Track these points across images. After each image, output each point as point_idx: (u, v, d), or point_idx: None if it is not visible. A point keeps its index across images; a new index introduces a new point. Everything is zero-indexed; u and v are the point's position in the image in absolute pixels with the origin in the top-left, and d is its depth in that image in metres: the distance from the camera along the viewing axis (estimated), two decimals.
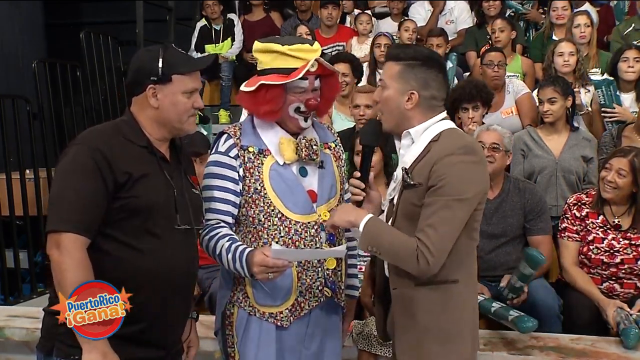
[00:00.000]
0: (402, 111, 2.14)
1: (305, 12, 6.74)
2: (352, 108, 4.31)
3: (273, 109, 2.27)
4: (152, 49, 2.19)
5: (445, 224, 2.00)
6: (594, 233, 3.36)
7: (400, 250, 2.04)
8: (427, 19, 6.55)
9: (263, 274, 2.13)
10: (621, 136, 4.14)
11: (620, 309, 3.09)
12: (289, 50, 2.24)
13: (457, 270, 2.09)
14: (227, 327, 2.36)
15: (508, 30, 5.44)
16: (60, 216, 1.96)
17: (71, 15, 8.05)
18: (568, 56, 4.66)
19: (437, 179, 2.02)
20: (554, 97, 4.00)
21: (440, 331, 2.10)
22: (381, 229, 2.11)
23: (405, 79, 2.13)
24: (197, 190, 2.25)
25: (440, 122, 2.15)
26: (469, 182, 2.03)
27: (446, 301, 2.10)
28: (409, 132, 2.15)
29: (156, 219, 2.06)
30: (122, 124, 2.15)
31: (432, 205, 2.02)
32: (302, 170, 2.32)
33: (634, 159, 3.25)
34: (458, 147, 2.04)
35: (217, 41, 6.61)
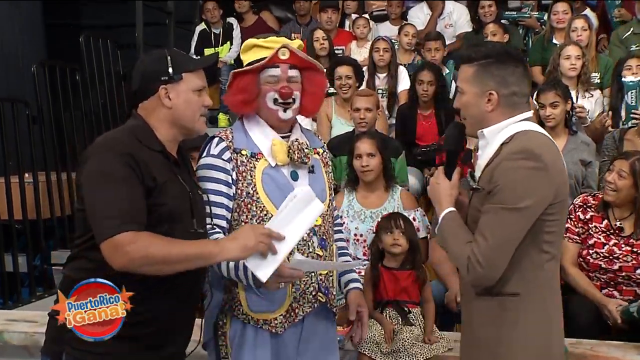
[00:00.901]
0: (483, 113, 2.05)
1: (304, 16, 6.74)
2: (351, 111, 4.32)
3: (246, 98, 2.30)
4: (153, 53, 2.19)
5: (497, 234, 1.91)
6: (595, 237, 3.36)
7: (457, 256, 2.00)
8: (426, 23, 6.56)
9: (275, 283, 2.10)
10: (623, 139, 4.16)
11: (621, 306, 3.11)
12: (262, 41, 2.29)
13: (516, 283, 1.97)
14: (219, 337, 2.32)
15: (500, 34, 5.46)
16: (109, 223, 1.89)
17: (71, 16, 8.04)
18: (575, 60, 4.68)
19: (493, 184, 1.94)
20: (557, 101, 4.01)
21: (494, 345, 2.01)
22: (451, 227, 2.04)
23: (481, 80, 2.03)
24: (202, 190, 2.25)
25: (519, 122, 2.03)
26: (525, 189, 1.90)
27: (503, 314, 1.99)
28: (482, 132, 2.06)
29: (177, 225, 2.04)
30: (136, 130, 2.11)
31: (486, 214, 1.95)
32: (294, 174, 2.31)
33: (635, 161, 3.26)
34: (517, 152, 1.94)
35: (217, 45, 6.61)
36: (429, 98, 4.85)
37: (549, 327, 2.05)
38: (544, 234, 1.97)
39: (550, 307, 2.05)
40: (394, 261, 3.06)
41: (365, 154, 3.61)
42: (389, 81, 5.37)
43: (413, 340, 2.91)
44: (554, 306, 2.08)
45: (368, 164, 3.60)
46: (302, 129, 2.43)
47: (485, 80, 2.03)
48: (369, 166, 3.60)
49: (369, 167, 3.61)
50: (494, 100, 2.03)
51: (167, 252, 1.92)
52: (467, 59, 2.09)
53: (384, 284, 3.04)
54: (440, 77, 4.94)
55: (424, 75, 4.84)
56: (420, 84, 4.85)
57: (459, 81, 2.12)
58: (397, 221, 3.05)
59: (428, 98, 4.85)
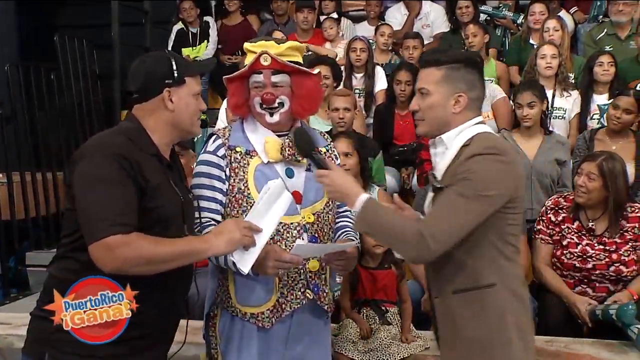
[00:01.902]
0: (448, 115, 2.10)
1: (282, 16, 6.73)
2: (329, 111, 4.32)
3: (236, 102, 2.37)
4: (156, 54, 2.22)
5: (454, 213, 1.95)
6: (569, 238, 3.39)
7: (399, 233, 1.98)
8: (403, 23, 6.58)
9: (275, 269, 2.14)
10: (594, 139, 4.21)
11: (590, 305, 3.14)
12: (250, 45, 2.32)
13: (492, 274, 2.03)
14: (210, 328, 2.38)
15: (481, 35, 5.49)
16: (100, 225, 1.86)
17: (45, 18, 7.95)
18: (550, 59, 4.75)
19: (461, 174, 1.98)
20: (533, 101, 4.05)
21: (484, 338, 2.03)
22: (382, 210, 2.05)
23: (452, 82, 2.09)
24: (190, 194, 2.26)
25: (474, 126, 2.10)
26: (493, 180, 1.97)
27: (485, 307, 2.03)
28: (441, 138, 2.11)
29: (168, 229, 2.04)
30: (130, 132, 2.09)
31: (447, 195, 1.98)
32: (289, 171, 2.33)
33: (602, 162, 3.29)
34: (486, 147, 2.01)
35: (194, 44, 6.57)
36: (406, 98, 4.86)
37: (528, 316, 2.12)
38: (508, 226, 2.05)
39: (522, 298, 2.11)
40: (372, 261, 3.06)
41: (342, 153, 3.61)
42: (366, 81, 5.37)
43: (390, 339, 2.92)
44: (524, 298, 2.13)
45: (345, 163, 3.60)
46: (306, 128, 2.45)
47: (456, 83, 2.10)
48: (346, 166, 3.60)
49: (345, 166, 3.61)
50: (463, 102, 2.09)
51: (157, 251, 1.91)
52: (435, 62, 2.13)
53: (362, 283, 3.04)
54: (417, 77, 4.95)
55: (402, 75, 4.85)
56: (398, 83, 4.86)
57: (424, 83, 2.14)
58: None
59: (405, 98, 4.86)
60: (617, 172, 3.29)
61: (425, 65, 2.18)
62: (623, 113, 4.12)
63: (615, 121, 4.14)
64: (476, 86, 2.12)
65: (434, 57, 2.16)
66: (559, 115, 4.82)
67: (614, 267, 3.31)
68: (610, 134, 4.20)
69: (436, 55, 2.17)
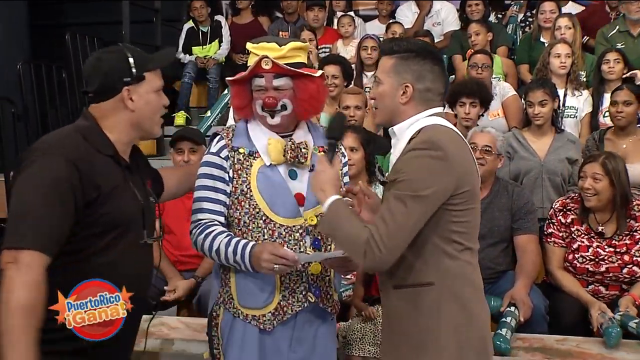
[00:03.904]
0: (397, 105, 2.08)
1: (292, 14, 6.73)
2: (341, 110, 4.32)
3: (239, 104, 2.36)
4: (112, 50, 2.09)
5: (398, 219, 1.91)
6: (579, 241, 3.37)
7: (351, 240, 1.96)
8: (414, 21, 6.57)
9: (270, 263, 2.12)
10: (604, 139, 4.20)
11: (603, 313, 3.10)
12: (252, 47, 2.29)
13: (431, 273, 1.99)
14: (213, 328, 2.36)
15: (484, 33, 5.49)
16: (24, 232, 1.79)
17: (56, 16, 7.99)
18: (565, 58, 4.74)
19: (397, 173, 1.96)
20: (545, 100, 4.03)
21: (413, 336, 2.01)
22: (341, 213, 2.01)
23: (399, 72, 2.07)
24: (153, 197, 2.17)
25: (427, 117, 2.06)
26: (427, 178, 1.93)
27: (420, 305, 2.00)
28: (393, 130, 2.11)
29: (125, 235, 1.97)
30: (85, 131, 1.99)
31: (388, 200, 1.95)
32: (292, 172, 2.31)
33: (605, 161, 3.27)
34: (421, 142, 1.97)
35: (205, 43, 6.60)
36: None
37: (468, 317, 2.03)
38: (451, 223, 1.99)
39: (466, 297, 2.04)
40: None
41: (348, 148, 3.60)
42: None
43: None
44: (471, 297, 2.06)
45: (350, 158, 3.59)
46: (312, 126, 2.43)
47: (403, 73, 2.07)
48: (351, 160, 3.59)
49: (350, 161, 3.60)
50: (409, 93, 2.06)
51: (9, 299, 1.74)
52: (389, 50, 2.12)
53: (375, 281, 3.04)
54: None
55: None
56: None
57: (378, 72, 2.16)
58: None
59: None
60: (620, 168, 3.28)
61: (382, 53, 2.18)
62: (623, 106, 4.11)
63: (619, 116, 4.12)
64: (425, 77, 2.07)
65: (389, 45, 2.15)
66: (571, 114, 4.80)
67: (627, 269, 3.29)
68: (619, 133, 4.18)
69: (391, 44, 2.15)
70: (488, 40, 5.50)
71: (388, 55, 2.12)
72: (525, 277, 3.31)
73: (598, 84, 4.79)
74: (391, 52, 2.11)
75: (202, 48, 6.57)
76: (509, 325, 3.03)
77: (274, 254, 2.11)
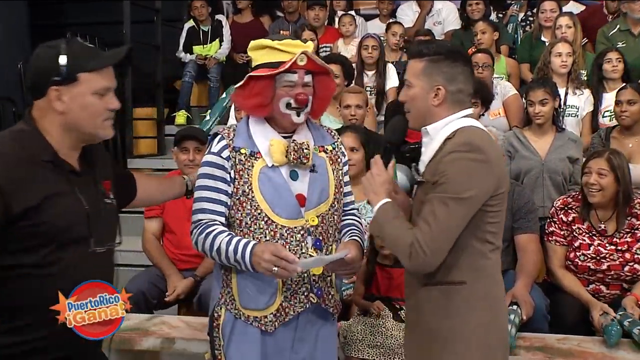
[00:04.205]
0: (429, 107, 2.11)
1: (292, 14, 6.74)
2: (341, 109, 4.32)
3: (262, 102, 2.27)
4: (52, 44, 1.91)
5: (441, 221, 1.95)
6: (580, 239, 3.37)
7: (398, 242, 2.03)
8: (415, 20, 6.57)
9: (270, 264, 2.09)
10: (610, 138, 4.20)
11: (605, 313, 3.10)
12: (278, 44, 2.25)
13: (464, 272, 2.04)
14: (214, 328, 2.35)
15: (490, 32, 5.48)
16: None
17: (57, 16, 7.99)
18: (566, 57, 4.75)
19: (438, 175, 1.99)
20: (546, 99, 4.03)
21: (441, 334, 2.05)
22: (389, 216, 2.07)
23: (431, 75, 2.10)
24: (110, 199, 2.03)
25: (461, 119, 2.10)
26: (470, 180, 1.97)
27: (451, 302, 2.05)
28: (426, 129, 2.13)
29: (68, 246, 1.86)
30: (22, 136, 1.86)
31: (430, 202, 1.99)
32: (293, 173, 2.30)
33: (610, 156, 3.28)
34: (462, 144, 2.00)
35: (205, 42, 6.61)
36: None
37: (495, 317, 2.09)
38: (486, 224, 2.04)
39: (493, 297, 2.11)
40: (388, 259, 3.06)
41: (348, 148, 3.59)
42: (377, 79, 5.37)
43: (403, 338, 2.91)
44: (497, 297, 2.14)
45: (351, 158, 3.59)
46: (312, 126, 2.42)
47: (434, 76, 2.10)
48: (352, 160, 3.59)
49: (351, 161, 3.60)
50: (441, 95, 2.09)
51: None
52: (418, 53, 2.14)
53: (377, 280, 3.04)
54: None
55: None
56: None
57: (408, 75, 2.17)
58: None
59: None
60: (624, 165, 3.29)
61: (410, 56, 2.20)
62: (627, 105, 4.13)
63: (623, 115, 4.15)
64: (457, 79, 2.10)
65: (418, 48, 2.17)
66: (572, 113, 4.80)
67: (629, 266, 3.29)
68: (624, 132, 4.19)
69: (420, 47, 2.17)
70: (494, 39, 5.50)
71: (417, 58, 2.14)
72: (525, 276, 3.31)
73: (597, 84, 4.79)
74: (420, 55, 2.13)
75: (202, 47, 6.58)
76: (513, 322, 3.04)
77: (275, 254, 2.10)
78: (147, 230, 3.84)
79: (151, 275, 3.76)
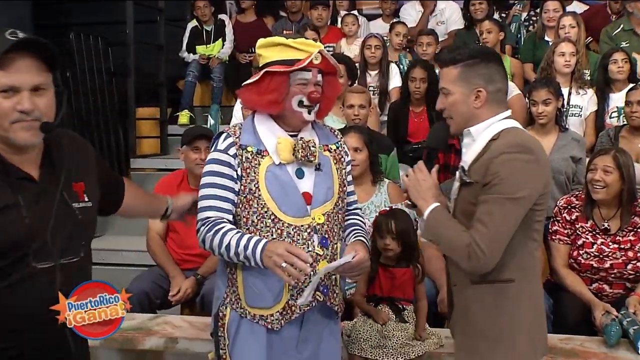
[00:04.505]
0: (471, 110, 2.14)
1: (295, 14, 6.75)
2: (345, 108, 4.32)
3: (277, 98, 2.26)
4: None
5: (497, 222, 2.00)
6: (584, 238, 3.36)
7: (454, 245, 2.06)
8: (418, 20, 6.57)
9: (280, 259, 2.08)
10: (619, 137, 4.20)
11: (607, 313, 3.09)
12: (294, 42, 2.27)
13: (513, 270, 2.08)
14: (219, 328, 2.34)
15: (496, 32, 5.49)
16: None
17: (60, 16, 8.01)
18: (569, 56, 4.75)
19: (491, 176, 2.02)
20: (549, 99, 4.03)
21: (491, 331, 2.10)
22: (441, 220, 2.12)
23: (468, 79, 2.13)
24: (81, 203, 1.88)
25: (503, 120, 2.14)
26: (523, 180, 2.01)
27: (501, 301, 2.09)
28: (469, 130, 2.16)
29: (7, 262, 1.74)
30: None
31: (485, 203, 2.03)
32: (299, 171, 2.30)
33: (616, 154, 3.27)
34: (512, 145, 2.04)
35: (208, 42, 6.61)
36: (421, 95, 4.86)
37: (539, 314, 2.18)
38: (534, 222, 2.09)
39: (536, 294, 2.19)
40: (391, 259, 3.05)
41: (351, 148, 3.60)
42: (380, 78, 5.37)
43: (406, 339, 2.91)
44: (539, 296, 2.21)
45: (354, 158, 3.59)
46: (316, 125, 2.43)
47: (472, 79, 2.14)
48: (355, 161, 3.59)
49: (355, 161, 3.59)
50: (483, 97, 2.13)
51: None
52: (452, 60, 2.17)
53: (380, 280, 3.03)
54: (432, 74, 4.95)
55: (417, 72, 4.84)
56: (413, 81, 4.85)
57: (444, 82, 2.19)
58: (389, 225, 2.99)
59: (420, 95, 4.86)
60: (630, 163, 3.29)
61: (443, 64, 2.21)
62: (637, 105, 4.15)
63: (634, 116, 4.16)
64: (495, 79, 2.15)
65: (450, 55, 2.19)
66: (575, 113, 4.80)
67: (632, 265, 3.28)
68: (634, 132, 4.19)
69: (453, 54, 2.19)
70: (499, 39, 5.50)
71: (451, 65, 2.17)
72: None
73: (603, 85, 4.78)
74: (454, 62, 2.16)
75: (205, 47, 6.59)
76: None
77: (289, 250, 2.10)
78: (152, 229, 3.83)
79: (154, 275, 3.76)
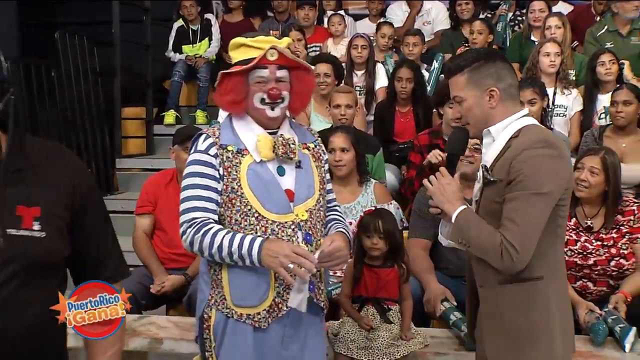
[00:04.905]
0: (487, 111, 2.16)
1: (282, 13, 6.74)
2: (331, 108, 4.33)
3: (235, 99, 2.30)
4: None
5: (526, 218, 2.00)
6: (567, 235, 3.37)
7: (486, 245, 2.06)
8: (405, 20, 6.58)
9: (287, 260, 2.10)
10: (603, 136, 4.23)
11: (591, 311, 3.12)
12: (251, 41, 2.28)
13: (540, 267, 2.08)
14: (205, 330, 2.34)
15: (486, 33, 5.52)
16: None
17: (46, 15, 7.96)
18: (554, 56, 4.77)
19: (515, 173, 2.03)
20: (534, 99, 4.06)
21: (527, 330, 2.10)
22: (470, 221, 2.12)
23: (478, 81, 2.15)
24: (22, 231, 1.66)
25: (521, 118, 2.15)
26: (548, 175, 2.02)
27: (532, 299, 2.10)
28: (489, 130, 2.18)
29: None
30: None
31: (512, 201, 2.03)
32: (280, 169, 2.31)
33: (604, 156, 3.30)
34: (536, 141, 2.05)
35: (195, 41, 6.59)
36: (407, 95, 4.87)
37: (567, 307, 2.20)
38: (558, 217, 2.10)
39: (563, 289, 2.21)
40: (376, 259, 3.05)
41: (338, 148, 3.61)
42: (366, 78, 5.38)
43: (391, 339, 2.91)
44: (565, 293, 2.23)
45: (341, 158, 3.60)
46: (293, 124, 2.44)
47: (482, 80, 2.15)
48: (342, 161, 3.60)
49: (341, 162, 3.61)
50: (496, 95, 2.15)
51: None
52: (457, 68, 2.19)
53: (365, 280, 3.03)
54: (418, 74, 4.97)
55: (403, 72, 4.85)
56: (399, 81, 4.86)
57: (455, 91, 2.21)
58: (376, 224, 2.98)
59: (406, 95, 4.87)
60: (616, 165, 3.32)
61: (450, 74, 2.23)
62: (623, 106, 4.17)
63: (618, 116, 4.19)
64: (503, 75, 2.17)
65: (454, 64, 2.22)
66: (560, 112, 4.82)
67: (615, 261, 3.31)
68: (618, 132, 4.21)
69: (456, 62, 2.22)
70: (488, 42, 5.52)
71: (457, 73, 2.19)
72: None
73: (591, 86, 4.80)
74: (460, 69, 2.19)
75: (192, 47, 6.56)
76: None
77: (295, 251, 2.11)
78: (138, 227, 3.81)
79: (140, 275, 3.73)
